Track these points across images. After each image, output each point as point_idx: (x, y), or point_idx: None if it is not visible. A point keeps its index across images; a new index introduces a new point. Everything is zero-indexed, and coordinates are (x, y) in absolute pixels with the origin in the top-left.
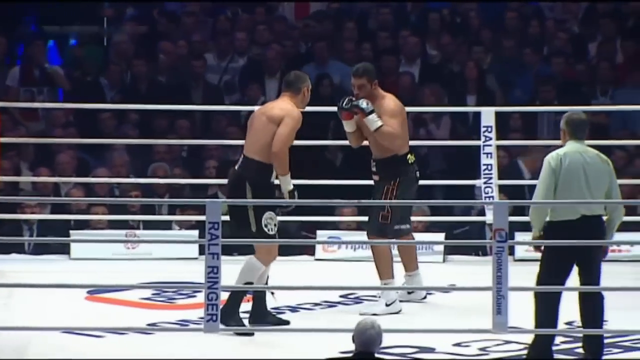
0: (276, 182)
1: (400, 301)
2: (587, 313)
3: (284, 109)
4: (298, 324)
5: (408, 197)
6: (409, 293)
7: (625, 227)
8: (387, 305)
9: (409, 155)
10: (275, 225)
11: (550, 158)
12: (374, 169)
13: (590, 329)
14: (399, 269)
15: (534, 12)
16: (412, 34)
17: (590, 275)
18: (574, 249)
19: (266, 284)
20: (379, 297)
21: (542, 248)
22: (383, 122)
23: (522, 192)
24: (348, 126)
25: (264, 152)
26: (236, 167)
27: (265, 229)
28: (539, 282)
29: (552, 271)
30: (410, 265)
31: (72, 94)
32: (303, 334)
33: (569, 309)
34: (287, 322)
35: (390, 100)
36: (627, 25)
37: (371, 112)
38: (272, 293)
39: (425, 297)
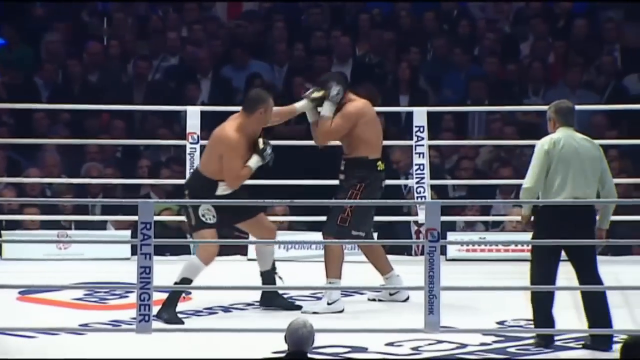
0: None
1: (380, 300)
2: (592, 310)
3: (224, 139)
4: (230, 324)
5: (369, 207)
6: (391, 294)
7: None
8: (328, 304)
9: (379, 162)
10: (213, 216)
11: (544, 142)
12: (342, 167)
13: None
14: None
15: (464, 12)
16: (343, 34)
17: (584, 268)
18: (563, 234)
19: (274, 265)
20: (324, 295)
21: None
22: (330, 115)
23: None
24: (310, 114)
25: (206, 167)
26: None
27: (203, 219)
28: (531, 274)
29: (543, 260)
30: (384, 268)
31: (3, 93)
32: (236, 334)
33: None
34: (299, 307)
35: (350, 104)
36: (558, 25)
37: (334, 102)
38: (280, 277)
39: (408, 298)
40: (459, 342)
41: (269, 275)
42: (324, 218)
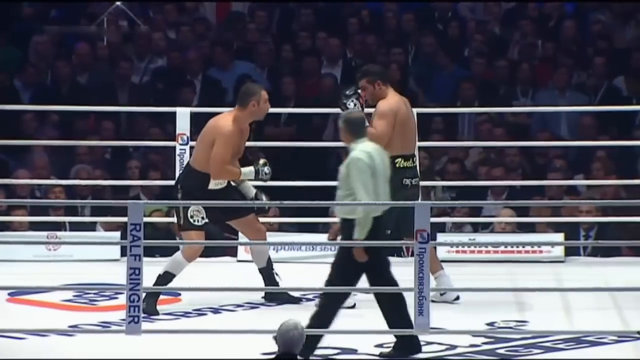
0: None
1: (433, 301)
2: (389, 311)
3: (218, 126)
4: (220, 325)
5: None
6: (441, 294)
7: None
8: None
9: (398, 159)
10: (202, 217)
11: (362, 156)
12: None
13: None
14: None
15: (453, 13)
16: (331, 36)
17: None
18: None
19: (269, 262)
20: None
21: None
22: (367, 124)
23: None
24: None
25: (197, 161)
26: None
27: (191, 220)
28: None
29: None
30: (433, 266)
31: None
32: (225, 336)
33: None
34: (299, 300)
35: (385, 102)
36: (548, 26)
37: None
38: (276, 274)
39: (458, 298)
40: (448, 343)
41: (267, 272)
42: (313, 219)
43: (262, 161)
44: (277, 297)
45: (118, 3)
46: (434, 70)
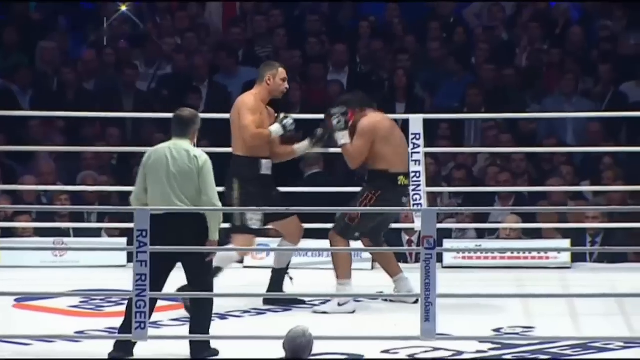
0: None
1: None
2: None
3: (239, 103)
4: (227, 331)
5: (388, 213)
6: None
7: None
8: (339, 304)
9: (400, 177)
10: (259, 220)
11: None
12: (365, 177)
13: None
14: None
15: (459, 20)
16: (339, 42)
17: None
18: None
19: (288, 265)
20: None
21: None
22: (348, 141)
23: None
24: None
25: (237, 147)
26: None
27: (250, 223)
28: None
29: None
30: (393, 269)
31: None
32: (232, 342)
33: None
34: (302, 302)
35: (366, 119)
36: (554, 32)
37: (340, 129)
38: (291, 278)
39: (417, 301)
40: (455, 349)
41: (279, 274)
42: (316, 225)
43: (282, 115)
44: (277, 301)
45: (124, 9)
46: (440, 76)
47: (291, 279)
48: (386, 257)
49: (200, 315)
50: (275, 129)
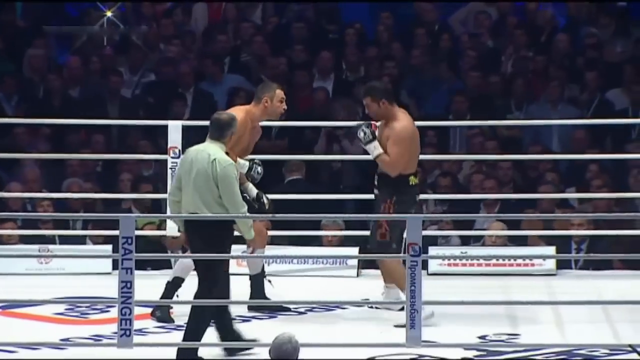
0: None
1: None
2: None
3: None
4: (212, 338)
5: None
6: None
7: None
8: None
9: (411, 177)
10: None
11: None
12: (375, 182)
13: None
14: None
15: (444, 27)
16: (323, 49)
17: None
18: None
19: (263, 270)
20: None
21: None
22: (382, 151)
23: None
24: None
25: None
26: None
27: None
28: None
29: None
30: (394, 277)
31: None
32: (218, 349)
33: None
34: (287, 309)
35: (399, 124)
36: (540, 39)
37: (369, 141)
38: (269, 281)
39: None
40: (440, 356)
41: (257, 280)
42: (304, 232)
43: (258, 160)
44: (262, 308)
45: (109, 15)
46: (426, 83)
47: (269, 282)
48: (398, 264)
49: (195, 322)
50: (242, 164)
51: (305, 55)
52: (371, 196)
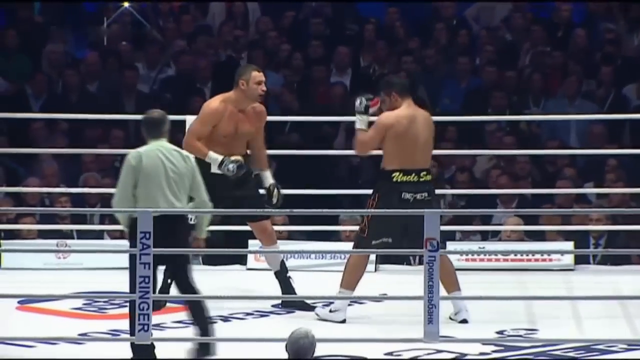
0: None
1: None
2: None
3: (203, 105)
4: (230, 333)
5: (387, 216)
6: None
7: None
8: (331, 311)
9: (395, 173)
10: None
11: (130, 156)
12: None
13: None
14: None
15: (462, 22)
16: (342, 44)
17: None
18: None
19: (283, 266)
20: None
21: None
22: (364, 127)
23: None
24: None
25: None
26: None
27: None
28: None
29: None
30: (450, 285)
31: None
32: (235, 344)
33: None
34: (312, 308)
35: (385, 114)
36: (557, 35)
37: (360, 112)
38: (290, 277)
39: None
40: (458, 351)
41: (282, 276)
42: (322, 227)
43: (234, 157)
44: (292, 303)
45: (127, 5)
46: (444, 78)
47: (290, 277)
48: (444, 268)
49: (198, 318)
50: (214, 158)
51: (323, 50)
52: None
